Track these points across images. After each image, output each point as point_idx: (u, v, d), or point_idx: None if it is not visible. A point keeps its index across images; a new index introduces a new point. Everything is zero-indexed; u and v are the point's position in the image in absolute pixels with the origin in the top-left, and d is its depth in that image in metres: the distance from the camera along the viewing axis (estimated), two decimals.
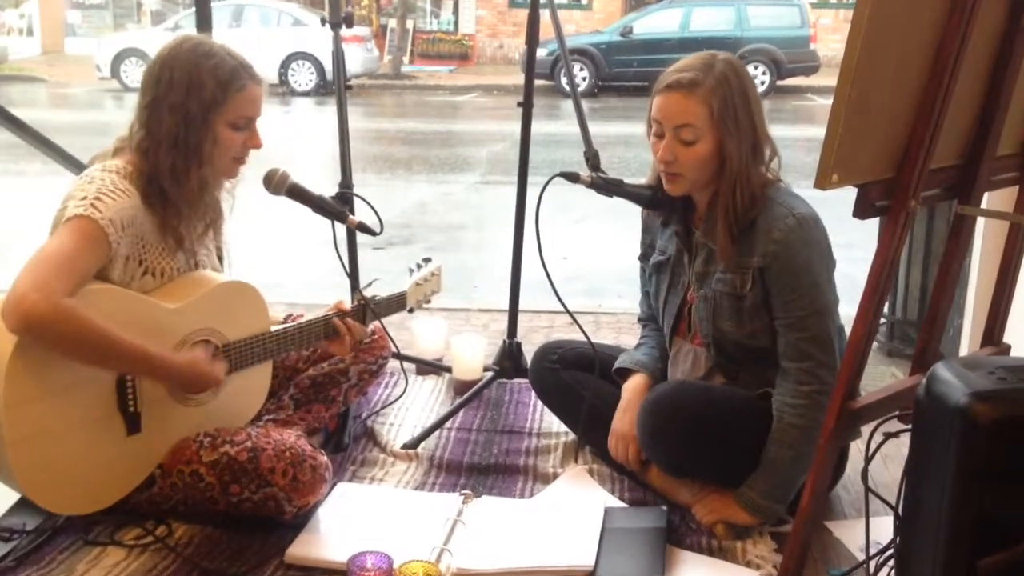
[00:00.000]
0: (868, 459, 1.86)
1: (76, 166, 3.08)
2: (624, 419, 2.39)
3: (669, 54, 15.41)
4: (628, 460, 2.39)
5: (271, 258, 5.49)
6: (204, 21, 2.99)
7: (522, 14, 19.91)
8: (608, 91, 15.57)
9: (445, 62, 20.02)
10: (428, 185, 8.56)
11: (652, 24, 16.24)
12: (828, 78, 16.49)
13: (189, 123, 2.07)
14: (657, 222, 2.43)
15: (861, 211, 1.75)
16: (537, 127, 2.97)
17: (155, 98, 2.08)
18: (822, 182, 1.65)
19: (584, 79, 15.22)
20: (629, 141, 9.62)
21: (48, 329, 1.86)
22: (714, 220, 2.20)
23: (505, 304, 4.31)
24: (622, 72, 15.74)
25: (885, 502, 1.85)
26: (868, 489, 1.84)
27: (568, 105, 13.97)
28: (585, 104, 11.66)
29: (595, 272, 5.44)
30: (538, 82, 14.89)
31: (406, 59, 19.03)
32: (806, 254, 2.13)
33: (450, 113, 14.37)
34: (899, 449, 1.94)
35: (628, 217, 2.57)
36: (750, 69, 15.35)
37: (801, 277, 2.13)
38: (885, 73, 1.66)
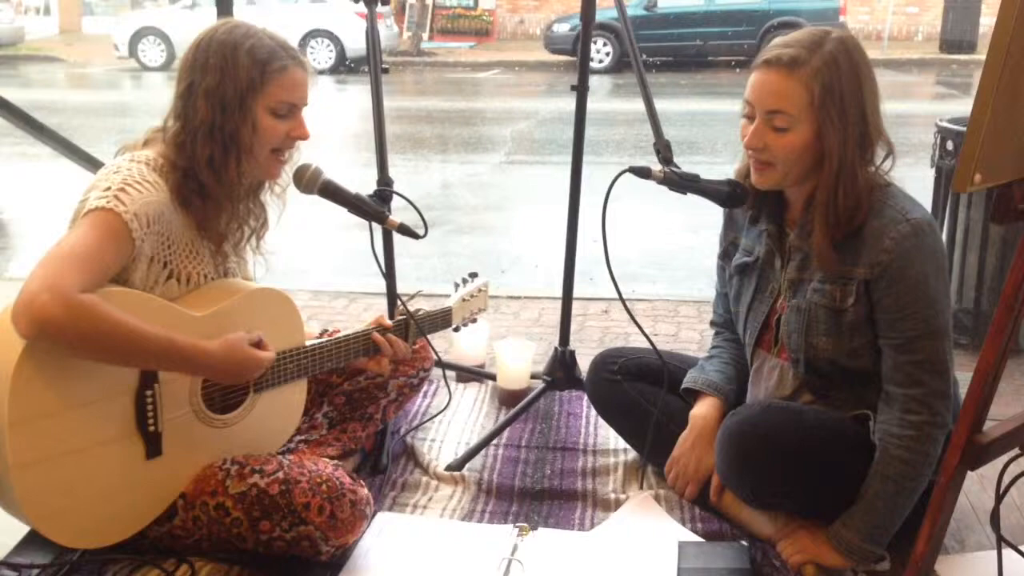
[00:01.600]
0: (999, 497, 1.60)
1: (82, 157, 2.85)
2: (690, 454, 2.18)
3: (694, 28, 15.29)
4: (685, 497, 2.22)
5: (295, 242, 5.26)
6: None
7: None
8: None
9: (465, 38, 19.70)
10: (452, 165, 8.33)
11: None
12: None
13: (226, 108, 1.88)
14: (744, 217, 2.16)
15: (1001, 215, 1.50)
16: (562, 104, 2.73)
17: (190, 85, 1.89)
18: (963, 184, 1.39)
19: (608, 55, 14.87)
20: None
21: (63, 330, 1.65)
22: (811, 222, 1.94)
23: (538, 290, 4.12)
24: (647, 47, 15.35)
25: (1020, 552, 1.59)
26: (1001, 538, 1.59)
27: (591, 82, 13.67)
28: (608, 80, 11.32)
29: (627, 255, 5.17)
30: (562, 58, 14.53)
31: (426, 35, 18.73)
32: (921, 265, 1.86)
33: (471, 91, 14.10)
34: (995, 469, 1.67)
35: (662, 196, 2.29)
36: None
37: (915, 292, 1.86)
38: None
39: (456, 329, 2.43)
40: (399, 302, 2.25)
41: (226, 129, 1.88)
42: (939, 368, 1.88)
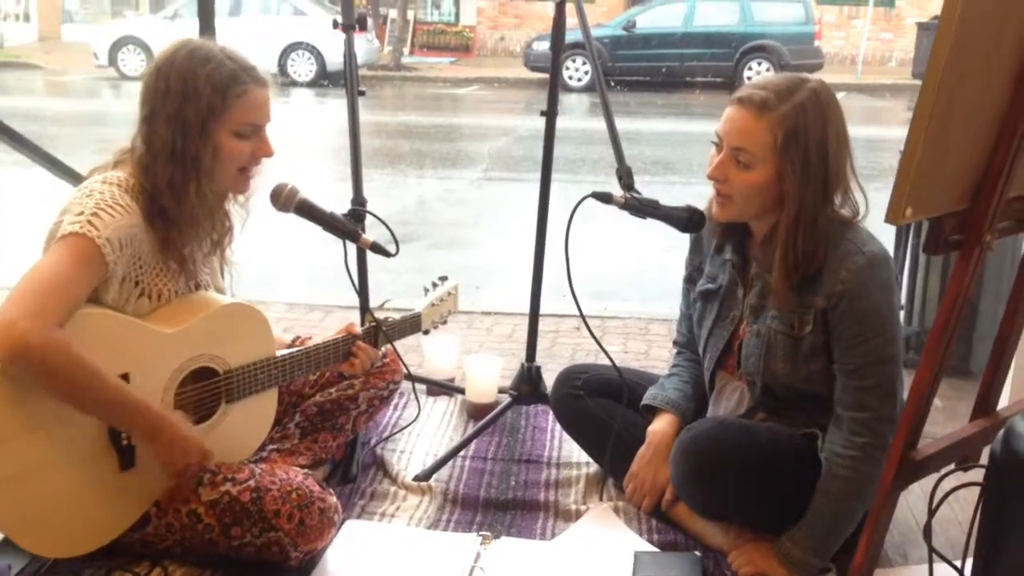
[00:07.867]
0: (932, 512, 1.70)
1: (63, 171, 2.90)
2: (648, 468, 2.26)
3: (672, 49, 15.48)
4: (643, 510, 2.29)
5: (267, 253, 5.31)
6: (206, 9, 2.85)
7: (523, 6, 19.78)
8: (610, 86, 15.39)
9: (446, 54, 19.81)
10: (429, 181, 8.39)
11: (655, 18, 16.13)
12: (831, 75, 16.43)
13: (187, 133, 1.93)
14: (709, 244, 2.25)
15: (934, 246, 1.59)
16: (541, 122, 2.81)
17: (152, 110, 1.94)
18: (895, 216, 1.48)
19: (587, 73, 15.02)
20: (632, 138, 9.39)
21: (37, 361, 1.71)
22: (772, 255, 2.02)
23: (512, 306, 4.19)
24: (625, 67, 15.59)
25: (951, 565, 1.69)
26: (932, 550, 1.69)
27: (569, 100, 13.86)
28: (586, 99, 11.39)
29: (600, 273, 5.26)
30: (542, 76, 14.57)
31: (406, 50, 18.83)
32: (875, 296, 1.95)
33: (451, 106, 14.18)
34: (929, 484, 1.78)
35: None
36: (752, 65, 15.36)
37: (868, 321, 1.95)
38: (967, 97, 1.50)
39: (426, 332, 2.50)
40: (369, 312, 2.33)
41: (187, 153, 1.93)
42: (887, 394, 1.97)
